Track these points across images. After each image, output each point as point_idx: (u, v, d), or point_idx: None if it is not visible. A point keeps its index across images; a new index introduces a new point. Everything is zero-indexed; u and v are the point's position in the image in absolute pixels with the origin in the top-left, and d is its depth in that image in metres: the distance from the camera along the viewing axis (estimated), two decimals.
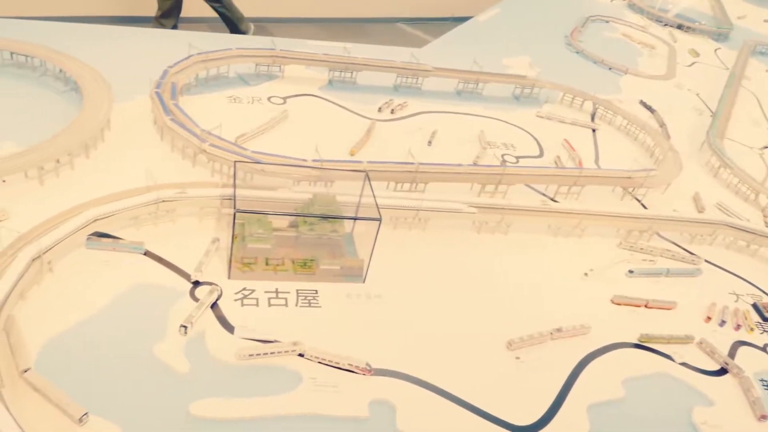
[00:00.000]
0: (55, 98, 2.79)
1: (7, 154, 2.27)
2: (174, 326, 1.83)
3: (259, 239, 2.09)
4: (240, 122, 2.84)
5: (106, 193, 2.16)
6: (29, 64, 2.93)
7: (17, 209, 2.09)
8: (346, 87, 3.51)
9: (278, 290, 2.04)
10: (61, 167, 2.30)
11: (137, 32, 3.71)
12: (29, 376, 1.58)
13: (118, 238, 2.08)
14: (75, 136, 2.37)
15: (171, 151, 2.57)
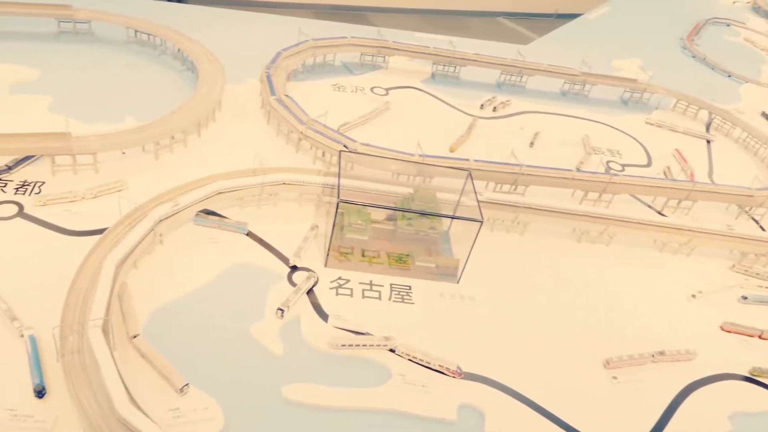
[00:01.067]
0: (172, 76, 2.92)
1: (128, 128, 2.40)
2: (271, 308, 1.87)
3: (357, 230, 2.10)
4: (342, 111, 2.86)
5: (214, 171, 2.24)
6: (150, 42, 3.09)
7: (134, 180, 2.21)
8: (449, 81, 3.47)
9: (372, 283, 2.04)
10: (175, 143, 2.40)
11: (251, 16, 3.81)
12: (137, 342, 1.66)
13: (224, 216, 2.15)
14: (189, 114, 2.46)
15: (276, 135, 2.63)
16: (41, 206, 2.03)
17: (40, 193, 2.08)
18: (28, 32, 2.98)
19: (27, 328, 1.63)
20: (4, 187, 2.07)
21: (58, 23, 3.01)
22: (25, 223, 1.97)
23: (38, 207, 2.02)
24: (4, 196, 2.04)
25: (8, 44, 2.87)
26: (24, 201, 2.04)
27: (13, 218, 1.97)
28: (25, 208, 2.02)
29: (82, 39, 3.04)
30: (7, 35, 2.93)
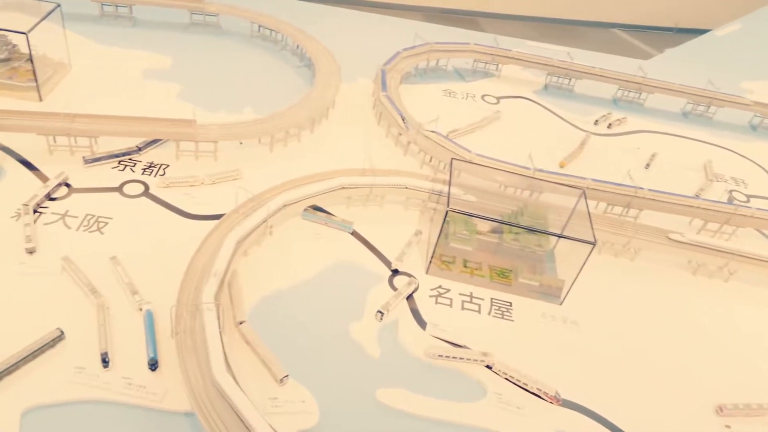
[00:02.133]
0: (290, 72, 3.01)
1: (247, 119, 2.49)
2: (371, 309, 1.88)
3: (462, 240, 2.07)
4: (452, 117, 2.84)
5: (324, 168, 2.28)
6: (272, 37, 3.20)
7: (248, 170, 2.29)
8: (563, 94, 3.36)
9: (473, 295, 2.01)
10: (289, 138, 2.47)
11: (364, 17, 3.87)
12: (243, 329, 1.72)
13: (331, 214, 2.18)
14: (305, 111, 2.53)
15: (385, 137, 2.65)
16: (164, 188, 2.14)
17: (164, 175, 2.20)
18: (163, 22, 3.16)
19: (146, 303, 1.72)
20: (133, 167, 2.21)
21: (190, 15, 3.18)
22: (149, 203, 2.09)
23: (162, 188, 2.14)
24: (133, 176, 2.18)
25: (145, 32, 3.06)
26: (149, 181, 2.17)
27: (139, 197, 2.10)
28: (150, 188, 2.14)
29: (211, 31, 3.19)
30: (145, 24, 3.12)
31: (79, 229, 1.93)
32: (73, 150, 2.19)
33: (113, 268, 1.82)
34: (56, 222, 1.94)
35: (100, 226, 1.96)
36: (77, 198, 2.05)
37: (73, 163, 2.16)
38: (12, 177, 2.07)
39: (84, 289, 1.73)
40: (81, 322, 1.66)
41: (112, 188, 2.11)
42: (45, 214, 1.96)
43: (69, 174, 2.10)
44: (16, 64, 2.49)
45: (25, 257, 1.80)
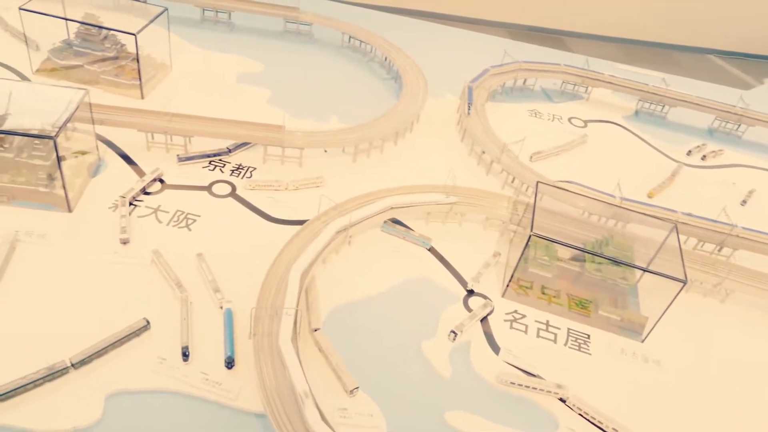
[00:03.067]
0: (377, 84, 3.04)
1: (332, 128, 2.54)
2: (444, 328, 1.86)
3: (541, 265, 2.02)
4: (537, 138, 2.78)
5: (406, 182, 2.29)
6: (361, 48, 3.24)
7: (331, 178, 2.32)
8: (655, 121, 3.23)
9: (549, 323, 1.95)
10: (372, 149, 2.49)
11: (455, 32, 3.86)
12: (317, 336, 1.73)
13: (410, 228, 2.18)
14: (390, 123, 2.54)
15: (468, 155, 2.63)
16: (250, 190, 2.20)
17: (251, 178, 2.26)
18: (259, 28, 3.27)
19: (226, 302, 1.77)
20: (222, 168, 2.29)
21: (284, 23, 3.27)
22: (235, 204, 2.15)
23: (248, 190, 2.20)
24: (222, 176, 2.25)
25: (241, 38, 3.18)
26: (237, 183, 2.24)
27: (227, 197, 2.17)
28: (237, 189, 2.21)
29: (303, 40, 3.27)
30: (242, 29, 3.24)
31: (169, 224, 2.02)
32: (168, 147, 2.29)
33: (198, 264, 1.88)
34: (149, 215, 2.03)
35: (189, 223, 2.03)
36: (169, 194, 2.14)
37: (167, 160, 2.26)
38: (112, 169, 2.19)
39: (170, 282, 1.80)
40: (165, 314, 1.73)
41: (201, 187, 2.19)
42: (139, 207, 2.06)
43: (163, 170, 2.20)
44: (123, 63, 2.64)
45: (119, 247, 1.90)
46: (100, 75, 2.58)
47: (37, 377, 1.50)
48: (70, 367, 1.54)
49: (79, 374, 1.55)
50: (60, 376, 1.53)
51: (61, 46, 2.66)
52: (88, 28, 2.60)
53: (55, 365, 1.53)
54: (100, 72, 2.59)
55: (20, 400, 1.47)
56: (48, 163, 2.01)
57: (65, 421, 1.45)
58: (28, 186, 1.98)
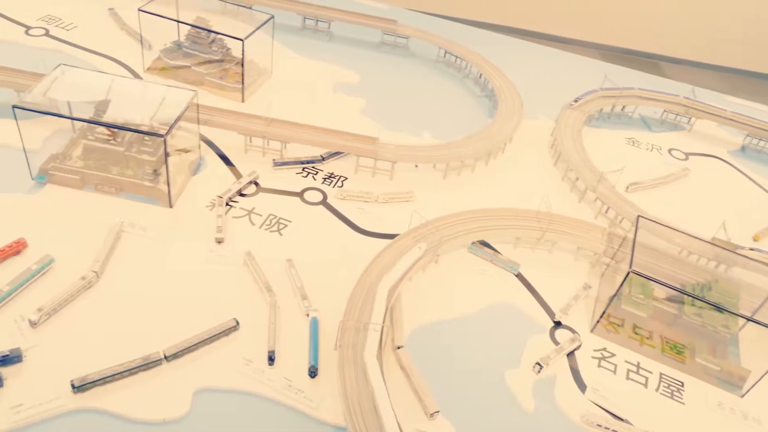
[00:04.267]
0: (470, 101, 3.01)
1: (425, 143, 2.53)
2: (528, 359, 1.80)
3: (636, 304, 1.93)
4: (634, 168, 2.67)
5: (496, 203, 2.25)
6: (457, 64, 3.22)
7: (421, 194, 2.31)
8: (763, 159, 3.04)
9: (640, 365, 1.86)
10: (463, 167, 2.46)
11: (552, 53, 3.78)
12: (400, 354, 1.72)
13: (497, 251, 2.13)
14: (483, 143, 2.51)
15: (561, 180, 2.55)
16: (341, 200, 2.22)
17: (342, 187, 2.28)
18: (356, 39, 3.31)
19: (313, 310, 1.79)
20: (315, 175, 2.32)
21: (382, 35, 3.30)
22: (325, 212, 2.18)
23: (339, 200, 2.22)
24: (314, 183, 2.28)
25: (339, 47, 3.23)
26: (328, 191, 2.26)
27: (317, 205, 2.20)
28: (328, 197, 2.23)
29: (399, 52, 3.29)
30: (340, 39, 3.29)
31: (261, 227, 2.06)
32: (265, 151, 2.35)
33: (288, 270, 1.91)
34: (243, 217, 2.08)
35: (280, 228, 2.07)
36: (263, 197, 2.18)
37: (263, 164, 2.31)
38: (211, 169, 2.26)
39: (261, 285, 1.84)
40: (253, 316, 1.76)
41: (294, 193, 2.23)
42: (235, 208, 2.11)
43: (259, 173, 2.25)
44: (227, 66, 2.73)
45: (214, 246, 1.95)
46: (206, 76, 2.68)
47: (134, 366, 1.55)
48: (164, 359, 1.60)
49: (171, 367, 1.60)
50: (153, 366, 1.58)
51: (172, 46, 2.79)
52: (198, 31, 2.71)
53: (150, 356, 1.58)
54: (205, 74, 2.69)
55: (115, 387, 1.53)
56: (154, 159, 2.10)
57: (156, 411, 1.50)
58: (134, 179, 2.07)
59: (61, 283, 1.73)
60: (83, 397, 1.50)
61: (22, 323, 1.63)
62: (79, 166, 2.07)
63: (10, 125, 2.07)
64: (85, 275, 1.75)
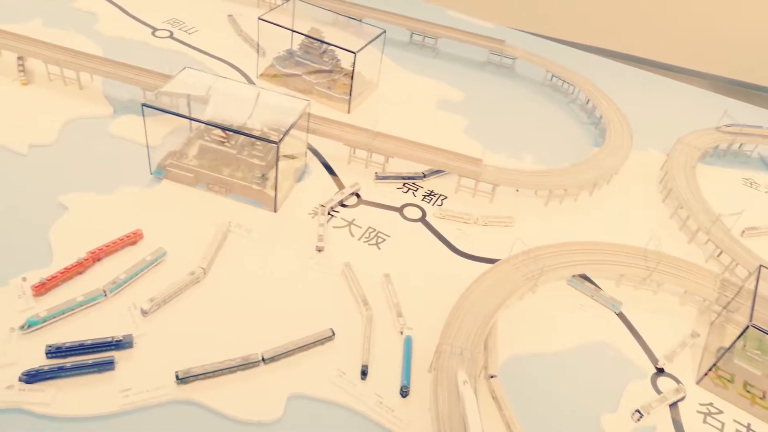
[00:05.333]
0: (575, 127, 2.92)
1: (526, 166, 2.48)
2: (627, 404, 1.71)
3: (751, 360, 1.80)
4: (752, 211, 2.50)
5: (599, 236, 2.17)
6: (563, 88, 3.15)
7: (521, 219, 2.26)
8: None
9: (750, 427, 1.73)
10: (566, 196, 2.39)
11: (670, 84, 3.61)
12: (493, 383, 1.68)
13: (599, 287, 2.05)
14: (589, 171, 2.43)
15: (669, 218, 2.43)
16: (440, 218, 2.21)
17: (441, 206, 2.27)
18: (462, 57, 3.30)
19: (407, 328, 1.78)
20: (415, 191, 2.32)
21: (488, 54, 3.27)
22: (423, 230, 2.17)
23: (437, 218, 2.21)
24: (413, 200, 2.28)
25: (444, 64, 3.23)
26: (427, 209, 2.25)
27: (416, 222, 2.19)
28: (427, 215, 2.23)
29: (504, 73, 3.25)
30: (445, 56, 3.29)
31: (360, 239, 2.08)
32: (367, 164, 2.37)
33: (384, 284, 1.91)
34: (343, 228, 2.11)
35: (379, 242, 2.08)
36: (363, 210, 2.20)
37: (365, 176, 2.34)
38: (315, 177, 2.31)
39: (357, 297, 1.85)
40: (348, 327, 1.77)
41: (393, 207, 2.24)
42: (335, 218, 2.15)
43: (361, 185, 2.28)
44: (336, 77, 2.79)
45: (314, 253, 1.99)
46: (315, 86, 2.75)
47: (233, 365, 1.60)
48: (261, 361, 1.63)
49: (267, 369, 1.64)
50: (251, 367, 1.62)
51: (285, 55, 2.88)
52: (311, 41, 2.78)
53: (249, 357, 1.62)
54: (314, 83, 2.76)
55: (214, 382, 1.58)
56: (263, 164, 2.17)
57: (250, 411, 1.54)
58: (243, 182, 2.14)
59: (171, 276, 1.81)
60: (185, 389, 1.56)
61: (135, 311, 1.71)
62: (194, 165, 2.17)
63: (134, 121, 2.20)
64: (194, 271, 1.82)
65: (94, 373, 1.55)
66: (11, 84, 2.48)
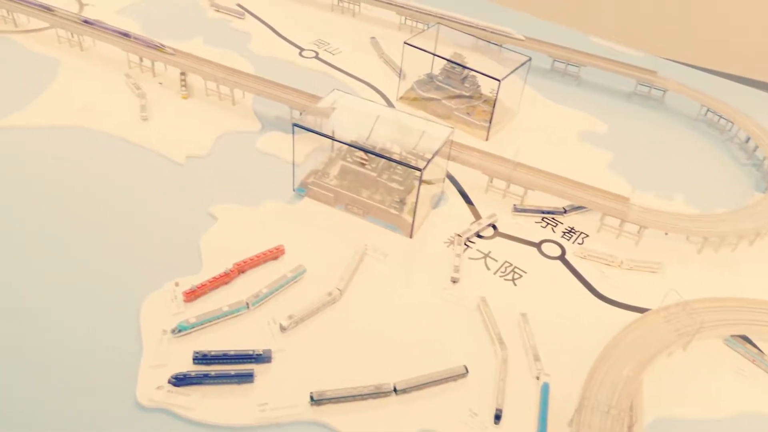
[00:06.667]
0: (733, 167, 2.68)
1: (676, 208, 2.31)
2: None
3: None
4: None
5: (760, 293, 1.96)
6: (720, 125, 2.91)
7: (670, 266, 2.09)
8: None
9: None
10: (722, 244, 2.19)
11: None
12: None
13: (761, 351, 1.85)
14: (751, 219, 2.21)
15: None
16: (581, 258, 2.10)
17: (582, 245, 2.15)
18: (606, 86, 3.14)
19: (545, 374, 1.69)
20: (554, 227, 2.22)
21: (635, 85, 3.09)
22: (562, 268, 2.07)
23: (578, 258, 2.10)
24: (552, 236, 2.19)
25: (587, 94, 3.09)
26: (567, 246, 2.15)
27: (555, 259, 2.10)
28: (566, 253, 2.12)
29: (653, 105, 3.05)
30: (588, 85, 3.15)
31: (496, 273, 2.01)
32: (505, 194, 2.31)
33: (521, 324, 1.83)
34: (479, 260, 2.06)
35: (515, 277, 2.01)
36: (499, 242, 2.14)
37: (502, 207, 2.27)
38: (451, 205, 2.28)
39: (492, 335, 1.79)
40: (482, 366, 1.71)
41: (531, 242, 2.15)
42: (471, 249, 2.10)
43: (498, 217, 2.22)
44: (475, 103, 2.76)
45: (448, 284, 1.95)
46: (454, 111, 2.73)
47: (366, 392, 1.59)
48: (393, 391, 1.61)
49: (399, 401, 1.61)
50: (383, 396, 1.61)
51: (425, 79, 2.89)
52: (453, 66, 2.77)
53: (382, 386, 1.61)
54: (454, 108, 2.74)
55: (346, 408, 1.58)
56: (402, 188, 2.17)
57: None
58: (381, 205, 2.15)
59: (308, 293, 1.85)
60: (318, 411, 1.57)
61: (273, 326, 1.76)
62: (334, 185, 2.21)
63: (279, 137, 2.27)
64: (331, 291, 1.84)
65: (234, 384, 1.60)
66: (174, 97, 2.68)
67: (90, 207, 2.10)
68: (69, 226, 2.02)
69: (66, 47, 2.94)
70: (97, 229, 2.02)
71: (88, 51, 2.93)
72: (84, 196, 2.15)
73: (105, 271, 1.88)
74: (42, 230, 2.00)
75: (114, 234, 2.01)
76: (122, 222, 2.06)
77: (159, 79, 2.78)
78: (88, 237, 1.99)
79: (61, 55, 2.88)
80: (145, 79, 2.78)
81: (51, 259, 1.90)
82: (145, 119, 2.51)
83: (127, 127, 2.47)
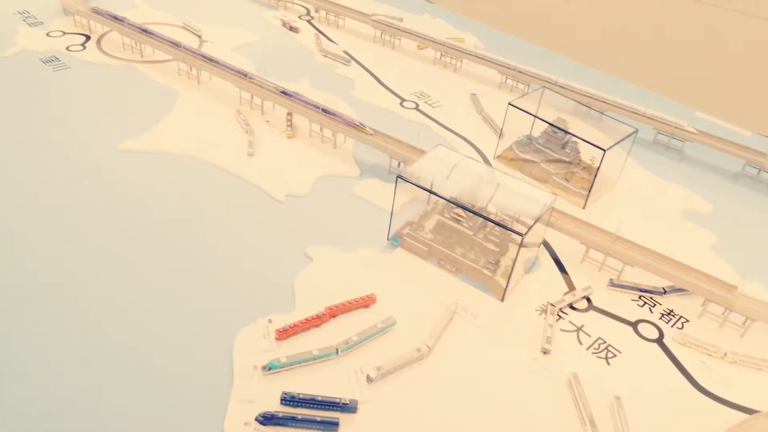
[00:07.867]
0: None
1: None
2: None
3: None
4: None
5: None
6: None
7: None
8: None
9: None
10: None
11: None
12: None
13: None
14: None
15: None
16: (680, 344, 1.99)
17: (682, 330, 2.05)
18: (710, 164, 3.04)
19: None
20: (652, 307, 2.13)
21: (744, 165, 2.97)
22: (659, 353, 1.97)
23: (677, 343, 2.00)
24: (650, 316, 2.09)
25: (691, 170, 2.99)
26: (665, 329, 2.05)
27: (652, 342, 2.00)
28: (664, 337, 2.02)
29: (761, 189, 2.92)
30: (692, 161, 3.05)
31: (589, 349, 1.94)
32: (601, 267, 2.24)
33: (614, 408, 1.75)
34: (571, 332, 1.99)
35: (608, 356, 1.93)
36: (593, 317, 2.07)
37: (597, 280, 2.21)
38: (544, 272, 2.23)
39: (584, 415, 1.71)
40: None
41: (627, 321, 2.07)
42: (564, 320, 2.04)
43: (593, 289, 2.15)
44: (574, 170, 2.72)
45: (538, 354, 1.89)
46: (552, 175, 2.70)
47: None
48: None
49: None
50: None
51: (524, 140, 2.88)
52: (554, 130, 2.75)
53: None
54: (552, 172, 2.71)
55: None
56: (497, 249, 2.15)
57: None
58: (474, 264, 2.14)
59: (396, 346, 1.84)
60: None
61: (360, 375, 1.75)
62: (429, 239, 2.22)
63: (376, 185, 2.30)
64: (420, 348, 1.83)
65: (318, 430, 1.60)
66: (279, 135, 2.79)
67: (189, 237, 2.19)
68: (170, 254, 2.11)
69: (185, 80, 3.13)
70: (194, 258, 2.10)
71: (204, 84, 3.12)
72: (184, 224, 2.24)
73: (200, 300, 1.95)
74: (141, 255, 2.10)
75: (211, 264, 2.08)
76: (220, 253, 2.13)
77: (267, 117, 2.91)
78: (186, 265, 2.07)
79: (179, 86, 3.07)
80: (253, 115, 2.91)
81: (148, 284, 1.99)
82: (251, 155, 2.62)
83: (233, 161, 2.58)
